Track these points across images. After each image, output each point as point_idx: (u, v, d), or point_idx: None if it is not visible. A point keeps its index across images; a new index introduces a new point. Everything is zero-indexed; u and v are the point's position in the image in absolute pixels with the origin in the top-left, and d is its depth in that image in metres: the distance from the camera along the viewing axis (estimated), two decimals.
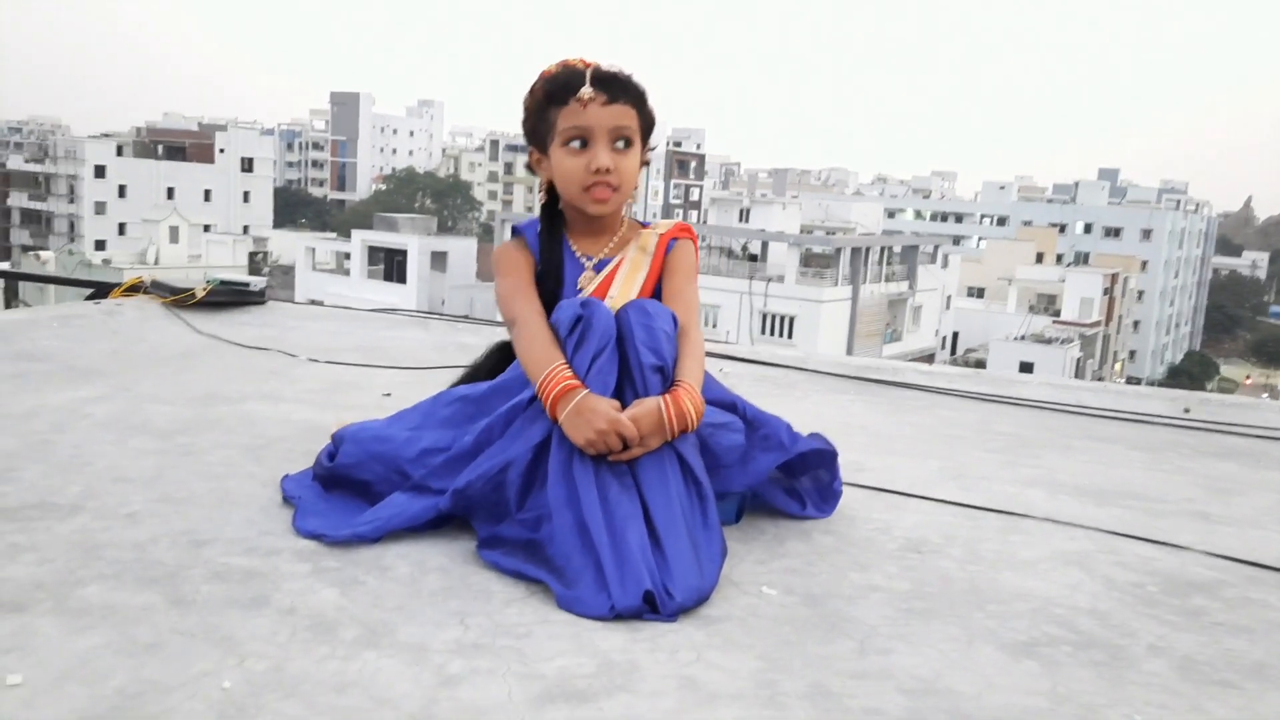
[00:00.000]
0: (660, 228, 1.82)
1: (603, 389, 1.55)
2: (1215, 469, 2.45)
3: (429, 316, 3.94)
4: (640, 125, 1.74)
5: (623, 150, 1.72)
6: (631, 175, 1.73)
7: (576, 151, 1.71)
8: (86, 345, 2.94)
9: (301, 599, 1.34)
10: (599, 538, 1.42)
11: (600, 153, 1.69)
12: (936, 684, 1.22)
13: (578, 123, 1.69)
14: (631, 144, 1.73)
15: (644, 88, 1.76)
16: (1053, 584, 1.57)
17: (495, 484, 1.55)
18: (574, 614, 1.36)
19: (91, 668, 1.13)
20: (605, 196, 1.72)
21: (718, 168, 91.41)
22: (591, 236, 1.80)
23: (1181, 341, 69.64)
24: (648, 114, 1.76)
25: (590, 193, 1.71)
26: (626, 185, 1.74)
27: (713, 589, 1.43)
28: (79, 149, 58.10)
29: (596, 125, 1.69)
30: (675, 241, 1.81)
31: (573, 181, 1.72)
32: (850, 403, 2.97)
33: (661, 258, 1.79)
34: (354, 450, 1.70)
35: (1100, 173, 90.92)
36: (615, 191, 1.73)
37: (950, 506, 1.94)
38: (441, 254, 37.50)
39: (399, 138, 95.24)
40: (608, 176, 1.70)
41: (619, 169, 1.71)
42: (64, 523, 1.55)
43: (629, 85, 1.73)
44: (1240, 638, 1.42)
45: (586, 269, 1.78)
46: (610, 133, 1.70)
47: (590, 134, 1.69)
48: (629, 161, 1.72)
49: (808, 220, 42.28)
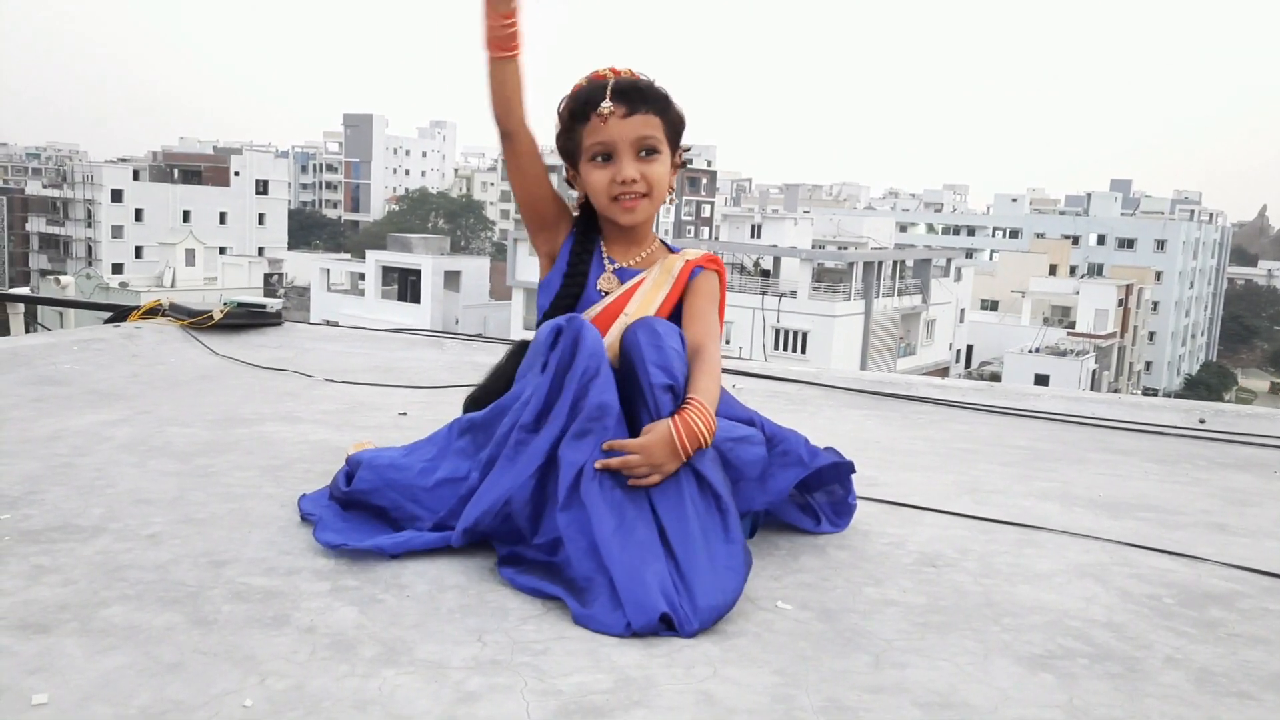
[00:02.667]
0: (689, 254, 1.84)
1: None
2: (1231, 480, 2.44)
3: (444, 336, 3.97)
4: (666, 131, 1.76)
5: (648, 159, 1.74)
6: (660, 181, 1.76)
7: (602, 165, 1.73)
8: (106, 369, 2.98)
9: (321, 618, 1.36)
10: (611, 561, 1.43)
11: (625, 165, 1.72)
12: (952, 697, 1.23)
13: (600, 138, 1.72)
14: (658, 151, 1.75)
15: (666, 92, 1.77)
16: (1068, 596, 1.57)
17: (503, 516, 1.55)
18: (590, 630, 1.37)
19: (115, 688, 1.15)
20: (634, 205, 1.75)
21: (729, 184, 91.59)
22: (624, 245, 1.82)
23: (1198, 352, 69.19)
24: (673, 119, 1.78)
25: (619, 203, 1.74)
26: (657, 191, 1.76)
27: (734, 602, 1.43)
28: (96, 174, 58.71)
29: (619, 138, 1.71)
30: (700, 270, 1.82)
31: (601, 194, 1.74)
32: (864, 418, 2.97)
33: (684, 283, 1.80)
34: (370, 477, 1.70)
35: (1113, 184, 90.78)
36: (645, 198, 1.75)
37: (965, 520, 1.94)
38: (455, 273, 37.70)
39: (412, 158, 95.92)
40: (634, 186, 1.72)
41: (646, 177, 1.74)
42: (87, 544, 1.58)
43: (649, 93, 1.74)
44: (1258, 649, 1.42)
45: (608, 270, 1.80)
46: (634, 144, 1.72)
47: (613, 147, 1.72)
48: (656, 169, 1.74)
49: (819, 235, 42.28)
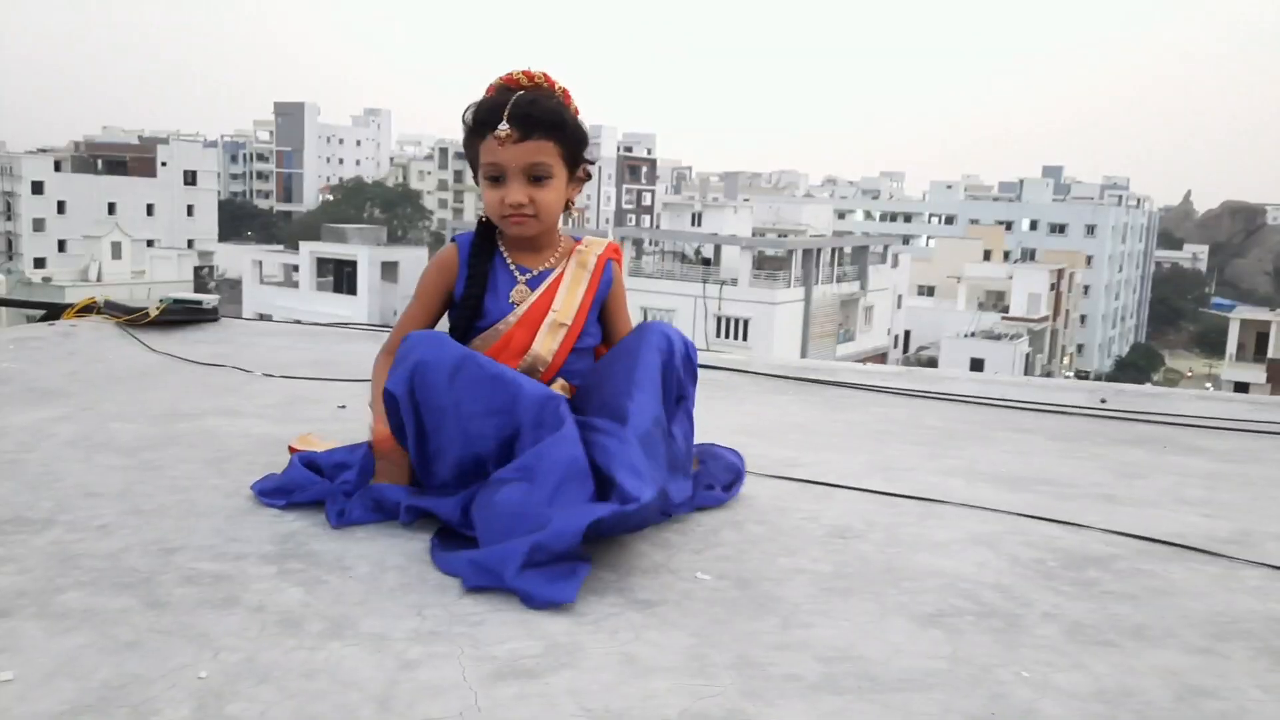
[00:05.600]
0: (596, 246, 1.94)
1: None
2: (1125, 455, 2.63)
3: (381, 329, 4.03)
4: (563, 153, 1.81)
5: (538, 184, 1.80)
6: (549, 206, 1.81)
7: (494, 186, 1.81)
8: (45, 367, 3.00)
9: (269, 598, 1.45)
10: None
11: (513, 189, 1.78)
12: (850, 652, 1.36)
13: (492, 159, 1.79)
14: (549, 177, 1.80)
15: (565, 116, 1.81)
16: (962, 562, 1.72)
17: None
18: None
19: (77, 664, 1.23)
20: (521, 223, 1.82)
21: (669, 172, 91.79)
22: (532, 252, 1.91)
23: (1128, 334, 71.28)
24: (572, 142, 1.82)
25: (508, 220, 1.83)
26: (546, 214, 1.82)
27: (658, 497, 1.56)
28: (15, 165, 56.92)
29: (510, 162, 1.77)
30: (611, 263, 1.93)
31: (493, 211, 1.84)
32: (789, 403, 3.11)
33: (600, 276, 1.91)
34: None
35: (1044, 170, 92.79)
36: (533, 219, 1.82)
37: (874, 496, 2.09)
38: (392, 264, 37.32)
39: (345, 147, 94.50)
40: (522, 209, 1.80)
41: (535, 200, 1.80)
42: (39, 535, 1.64)
43: (546, 118, 1.78)
44: (1125, 604, 1.58)
45: (520, 282, 1.88)
46: (524, 170, 1.78)
47: (504, 170, 1.79)
48: (547, 194, 1.80)
49: (760, 223, 42.76)
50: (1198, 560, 1.79)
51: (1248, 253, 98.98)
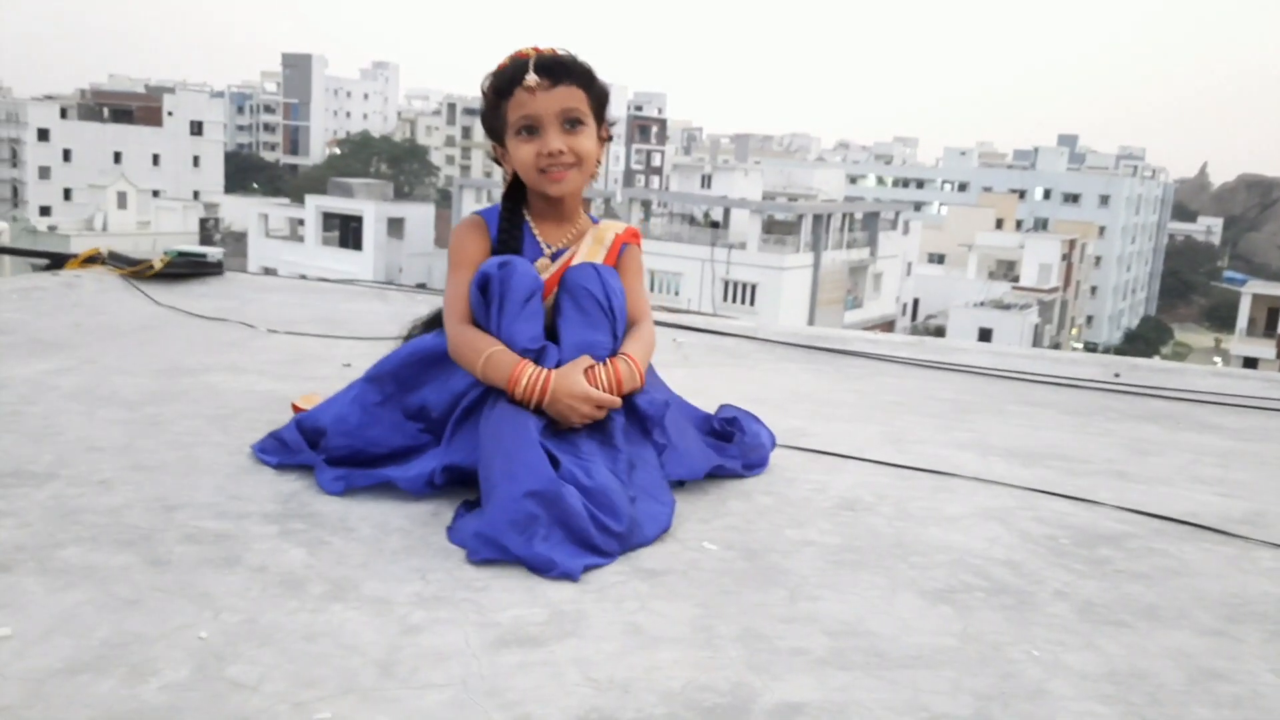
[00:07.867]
0: (615, 226, 1.90)
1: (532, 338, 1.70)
2: (1138, 431, 2.60)
3: (386, 287, 4.00)
4: (591, 104, 1.79)
5: (574, 130, 1.77)
6: (588, 153, 1.79)
7: (528, 139, 1.76)
8: (48, 318, 2.98)
9: (271, 558, 1.43)
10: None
11: (551, 137, 1.75)
12: (858, 627, 1.34)
13: (525, 111, 1.75)
14: (583, 123, 1.78)
15: (589, 66, 1.80)
16: (973, 537, 1.70)
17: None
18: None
19: (77, 621, 1.21)
20: (562, 176, 1.78)
21: (679, 133, 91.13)
22: (554, 223, 1.86)
23: (1138, 307, 70.89)
24: (598, 92, 1.80)
25: (547, 175, 1.77)
26: (585, 162, 1.79)
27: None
28: (21, 111, 56.61)
29: (544, 111, 1.74)
30: (626, 246, 1.89)
31: (529, 167, 1.78)
32: (799, 371, 3.08)
33: (616, 255, 1.87)
34: (343, 442, 1.76)
35: (1060, 139, 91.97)
36: (573, 168, 1.78)
37: (885, 468, 2.06)
38: (399, 220, 37.14)
39: (353, 101, 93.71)
40: (561, 158, 1.76)
41: (573, 148, 1.76)
42: (40, 489, 1.63)
43: (572, 67, 1.77)
44: (1138, 583, 1.56)
45: (544, 255, 1.84)
46: (559, 115, 1.75)
47: (538, 120, 1.75)
48: (583, 140, 1.78)
49: (770, 187, 42.33)
50: (1211, 540, 1.77)
51: (1262, 227, 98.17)
